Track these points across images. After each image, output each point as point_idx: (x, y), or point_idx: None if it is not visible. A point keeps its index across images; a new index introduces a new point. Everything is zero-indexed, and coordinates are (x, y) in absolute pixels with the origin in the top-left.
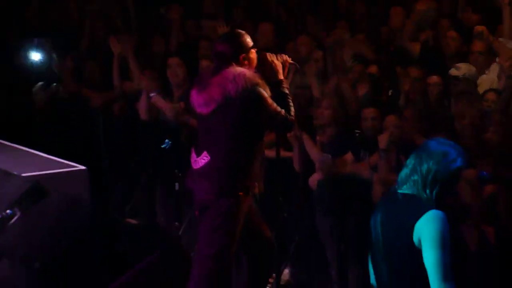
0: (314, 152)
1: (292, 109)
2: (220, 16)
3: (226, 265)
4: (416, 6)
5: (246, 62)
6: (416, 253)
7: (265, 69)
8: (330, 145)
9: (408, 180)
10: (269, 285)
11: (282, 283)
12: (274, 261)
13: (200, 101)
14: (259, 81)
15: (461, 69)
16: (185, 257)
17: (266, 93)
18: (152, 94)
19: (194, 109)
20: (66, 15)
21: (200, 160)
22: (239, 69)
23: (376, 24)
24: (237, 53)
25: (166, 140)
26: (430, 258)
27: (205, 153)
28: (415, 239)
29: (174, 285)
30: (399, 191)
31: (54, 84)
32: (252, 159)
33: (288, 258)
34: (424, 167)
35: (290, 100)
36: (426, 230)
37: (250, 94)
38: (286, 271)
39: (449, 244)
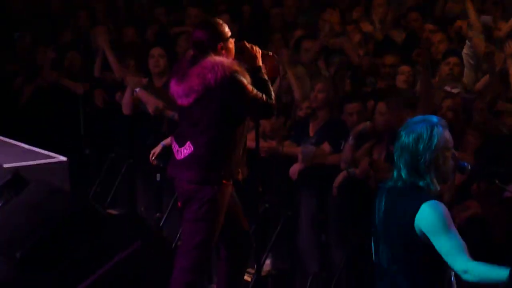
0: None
1: (272, 94)
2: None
3: (209, 254)
4: None
5: (224, 51)
6: (417, 243)
7: (243, 57)
8: (323, 131)
9: (401, 169)
10: (250, 275)
11: (263, 273)
12: (252, 254)
13: (180, 92)
14: (238, 68)
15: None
16: (167, 247)
17: (245, 80)
18: (137, 89)
19: (174, 100)
20: (49, 6)
21: (183, 150)
22: (217, 58)
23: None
24: (215, 42)
25: None
26: (440, 247)
27: (188, 143)
28: (416, 230)
29: (155, 275)
30: (400, 181)
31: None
32: (235, 146)
33: (269, 249)
34: (409, 151)
35: (270, 85)
36: (426, 223)
37: (229, 82)
38: (267, 262)
39: (452, 225)
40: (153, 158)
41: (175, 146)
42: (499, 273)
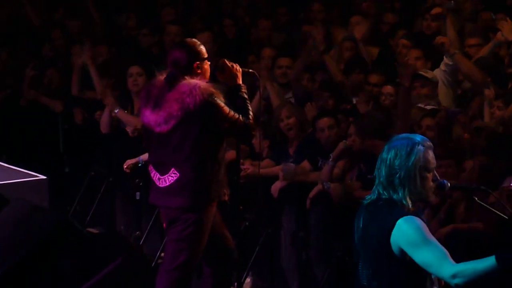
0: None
1: (251, 113)
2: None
3: (191, 274)
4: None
5: (199, 71)
6: (394, 259)
7: (224, 76)
8: (302, 149)
9: (378, 183)
10: None
11: None
12: (236, 270)
13: (159, 120)
14: (214, 90)
15: (428, 73)
16: (146, 265)
17: (221, 101)
18: (116, 111)
19: (151, 128)
20: (27, 23)
21: (167, 178)
22: (192, 81)
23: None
24: (192, 61)
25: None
26: (423, 259)
27: (172, 169)
28: (393, 247)
29: None
30: (376, 196)
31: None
32: (219, 167)
33: (250, 267)
34: (386, 166)
35: (249, 105)
36: (404, 238)
37: (208, 105)
38: (248, 280)
39: (429, 236)
40: (125, 166)
41: (155, 175)
42: (486, 262)
